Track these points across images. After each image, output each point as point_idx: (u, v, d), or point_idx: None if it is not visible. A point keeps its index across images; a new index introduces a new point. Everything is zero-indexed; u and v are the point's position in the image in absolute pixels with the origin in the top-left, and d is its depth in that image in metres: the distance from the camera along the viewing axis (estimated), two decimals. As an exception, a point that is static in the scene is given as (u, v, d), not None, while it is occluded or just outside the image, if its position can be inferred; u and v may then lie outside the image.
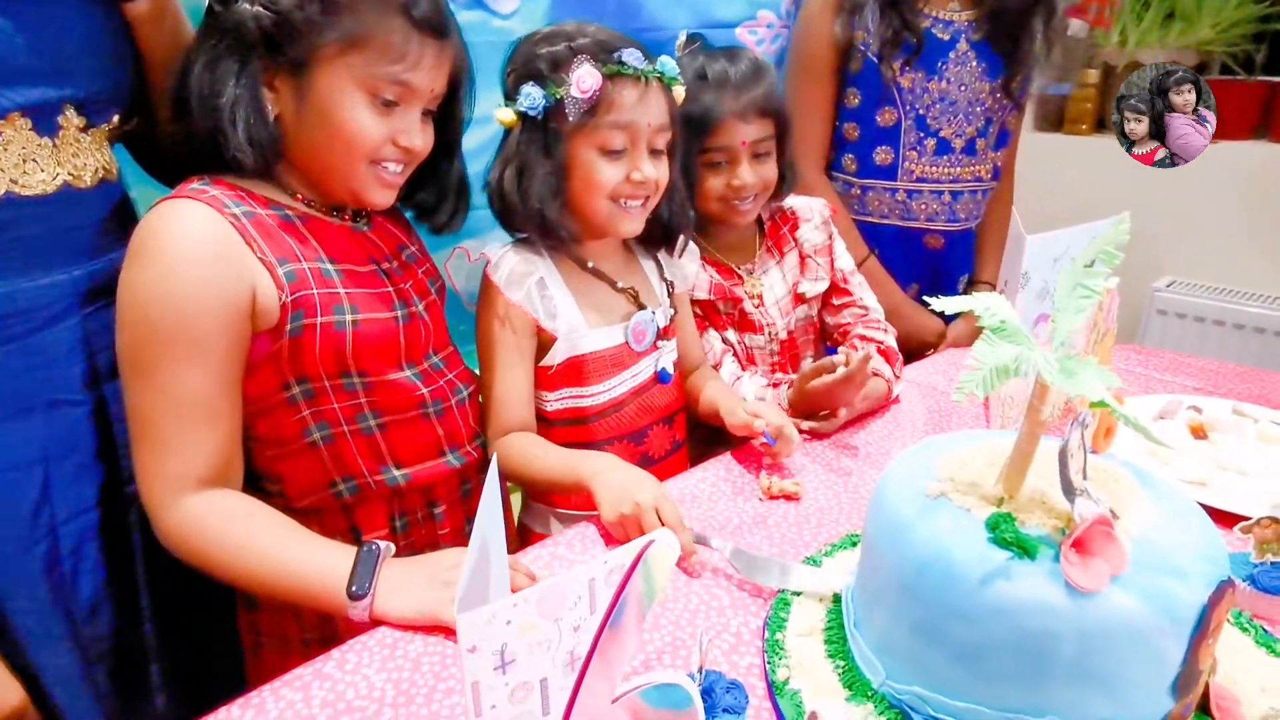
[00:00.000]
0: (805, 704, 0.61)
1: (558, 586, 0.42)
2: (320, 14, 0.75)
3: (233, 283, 0.74)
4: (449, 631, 0.69)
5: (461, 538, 0.94)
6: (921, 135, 1.41)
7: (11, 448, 0.71)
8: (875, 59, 1.38)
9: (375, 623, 0.72)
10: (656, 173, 0.97)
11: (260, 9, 0.75)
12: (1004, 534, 0.55)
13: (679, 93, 1.00)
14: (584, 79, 0.90)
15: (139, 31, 0.79)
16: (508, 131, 0.97)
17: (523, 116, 0.94)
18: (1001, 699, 0.55)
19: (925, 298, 0.60)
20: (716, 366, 1.20)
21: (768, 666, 0.66)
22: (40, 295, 0.73)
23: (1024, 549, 0.54)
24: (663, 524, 0.80)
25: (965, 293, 1.56)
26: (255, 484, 0.86)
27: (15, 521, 0.71)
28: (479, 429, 0.99)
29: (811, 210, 1.27)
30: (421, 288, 0.94)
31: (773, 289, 1.24)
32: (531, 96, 0.92)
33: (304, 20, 0.75)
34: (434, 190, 0.95)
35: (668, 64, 0.97)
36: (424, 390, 0.90)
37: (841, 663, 0.65)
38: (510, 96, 0.96)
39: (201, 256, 0.73)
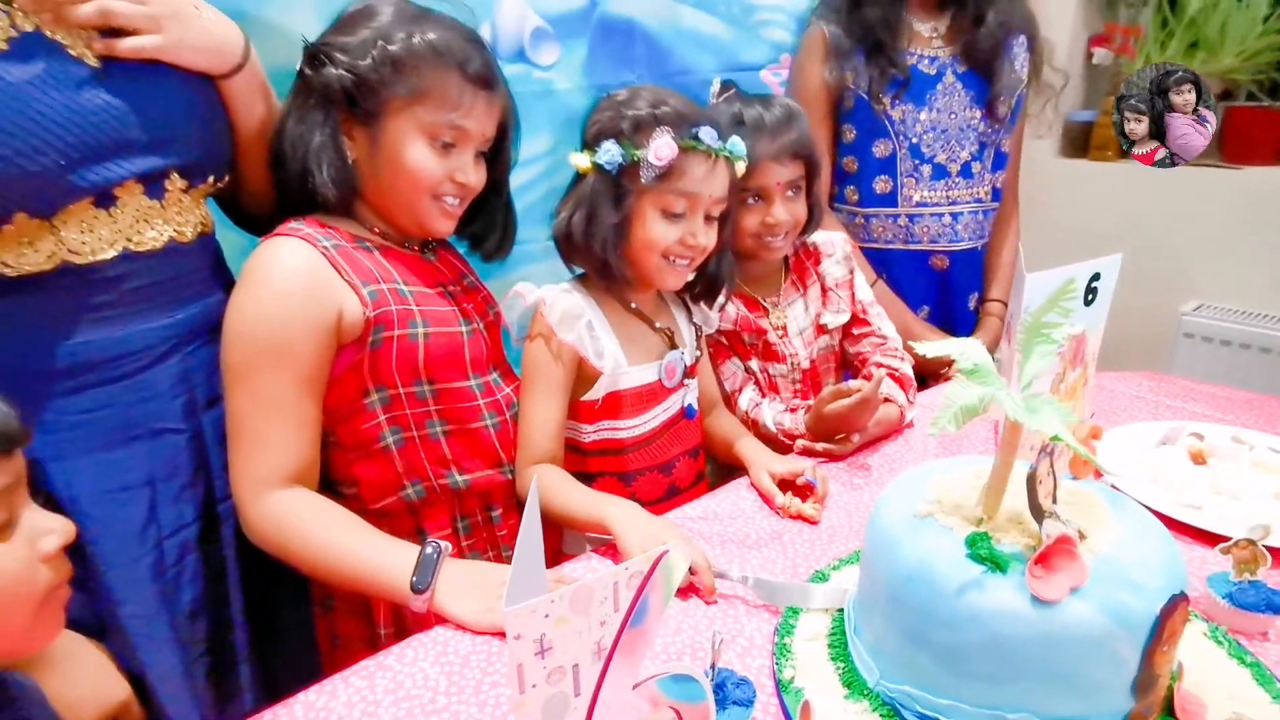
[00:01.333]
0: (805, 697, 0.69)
1: (587, 587, 0.51)
2: (391, 74, 0.89)
3: (321, 306, 0.88)
4: (495, 634, 0.79)
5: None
6: (917, 162, 1.50)
7: (123, 471, 0.83)
8: (865, 96, 1.47)
9: (430, 614, 0.82)
10: (708, 239, 1.05)
11: (343, 72, 0.89)
12: (979, 550, 0.62)
13: (740, 168, 1.07)
14: (662, 149, 0.98)
15: (232, 103, 0.91)
16: (579, 175, 1.06)
17: (597, 167, 1.02)
18: (979, 696, 0.62)
19: (911, 343, 0.68)
20: (736, 394, 1.28)
21: (775, 667, 0.73)
22: (148, 337, 0.84)
23: (996, 564, 0.61)
24: (690, 569, 0.85)
25: (975, 310, 1.62)
26: (333, 489, 0.97)
27: (127, 536, 0.82)
28: None
29: (833, 245, 1.35)
30: (481, 309, 1.06)
31: (796, 320, 1.32)
32: (611, 153, 1.00)
33: (378, 80, 0.89)
34: (484, 222, 1.07)
35: (737, 144, 1.05)
36: (481, 402, 1.01)
37: (841, 664, 0.72)
38: (589, 146, 1.04)
39: (296, 285, 0.87)
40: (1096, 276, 1.04)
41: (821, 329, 1.33)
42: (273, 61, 0.99)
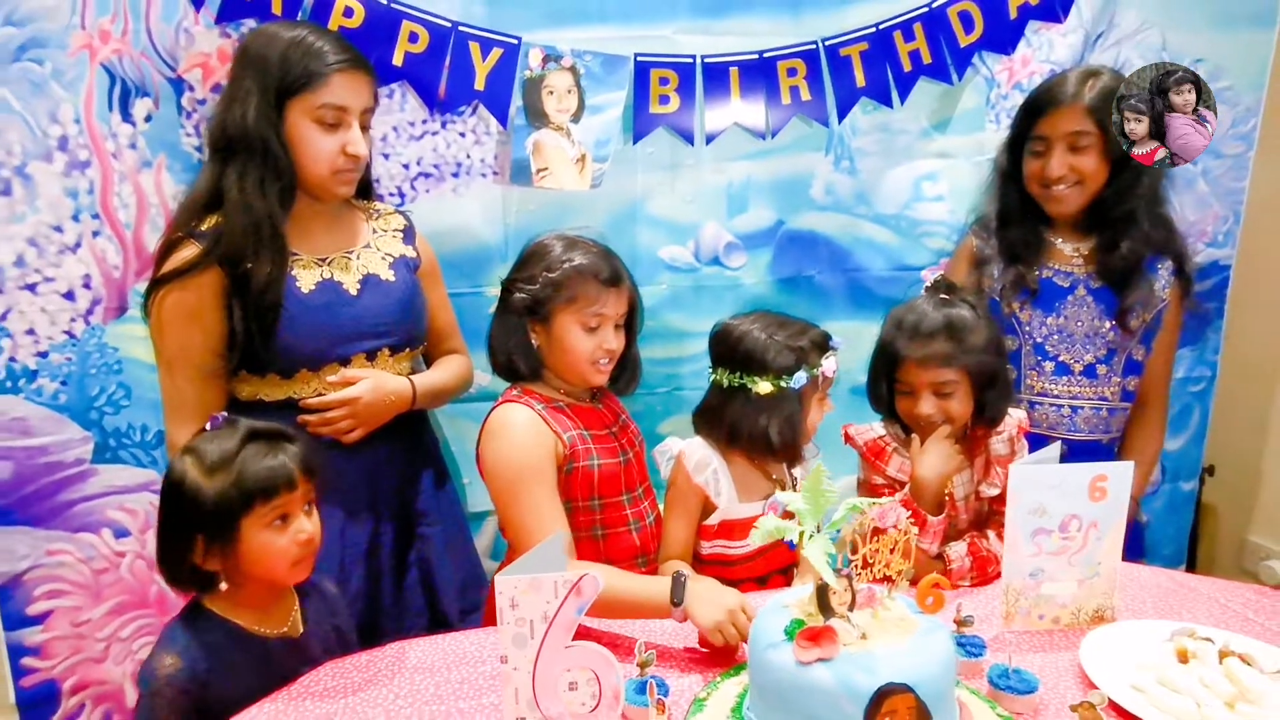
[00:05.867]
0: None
1: (538, 580, 1.01)
2: (553, 292, 1.38)
3: (548, 440, 1.38)
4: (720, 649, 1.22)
5: None
6: (1040, 359, 1.69)
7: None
8: (998, 298, 1.72)
9: (683, 620, 1.23)
10: None
11: (523, 296, 1.41)
12: (789, 627, 0.98)
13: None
14: (833, 366, 1.42)
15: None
16: (755, 392, 1.40)
17: (782, 388, 1.39)
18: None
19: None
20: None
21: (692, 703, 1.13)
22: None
23: (790, 637, 0.97)
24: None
25: None
26: None
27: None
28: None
29: (1005, 424, 1.49)
30: (631, 441, 1.58)
31: (961, 486, 1.49)
32: (800, 379, 1.39)
33: (546, 296, 1.39)
34: (617, 368, 1.49)
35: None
36: (629, 512, 1.52)
37: (735, 700, 1.10)
38: (766, 371, 1.39)
39: (532, 427, 1.38)
40: (1103, 478, 1.25)
41: (979, 496, 1.49)
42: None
